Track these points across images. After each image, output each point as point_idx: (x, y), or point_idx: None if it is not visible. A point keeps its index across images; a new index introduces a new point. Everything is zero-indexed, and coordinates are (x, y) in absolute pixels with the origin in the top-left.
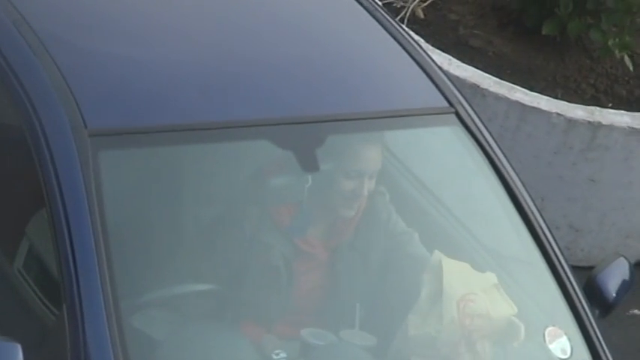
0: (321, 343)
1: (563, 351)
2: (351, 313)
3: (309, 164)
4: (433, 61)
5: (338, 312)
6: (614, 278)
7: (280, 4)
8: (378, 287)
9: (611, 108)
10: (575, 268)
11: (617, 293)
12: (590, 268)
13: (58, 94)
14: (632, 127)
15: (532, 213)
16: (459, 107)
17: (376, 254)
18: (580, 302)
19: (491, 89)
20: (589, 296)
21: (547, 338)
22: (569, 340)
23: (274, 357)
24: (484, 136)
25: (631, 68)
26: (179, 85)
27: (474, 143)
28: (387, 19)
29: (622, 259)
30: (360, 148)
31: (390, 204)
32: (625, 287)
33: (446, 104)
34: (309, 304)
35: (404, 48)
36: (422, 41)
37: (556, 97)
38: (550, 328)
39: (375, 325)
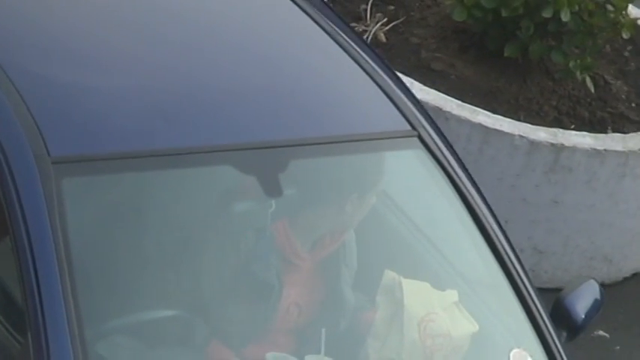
0: None
1: None
2: (318, 336)
3: (273, 189)
4: (395, 83)
5: (308, 334)
6: (582, 301)
7: (240, 31)
8: (347, 309)
9: (574, 130)
10: (539, 290)
11: (585, 316)
12: (555, 290)
13: (20, 122)
14: (595, 149)
15: (496, 235)
16: (421, 130)
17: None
18: (545, 324)
19: (454, 112)
20: (556, 319)
21: None
22: None
23: None
24: (447, 159)
25: (592, 90)
26: (142, 112)
27: (437, 166)
28: (348, 42)
29: (592, 281)
30: (333, 174)
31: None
32: (595, 310)
33: (408, 127)
34: (284, 324)
35: (365, 71)
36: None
37: (519, 120)
38: (515, 350)
39: (341, 350)
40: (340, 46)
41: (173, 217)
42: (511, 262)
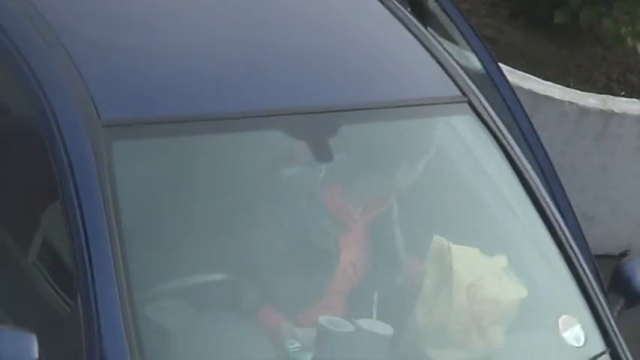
0: (339, 331)
1: (577, 339)
2: (370, 300)
3: (323, 154)
4: (446, 50)
5: (360, 298)
6: None
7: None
8: (398, 274)
9: (624, 96)
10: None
11: None
12: (604, 256)
13: (70, 86)
14: None
15: (545, 202)
16: (472, 96)
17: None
18: (594, 291)
19: None
20: (616, 286)
21: (560, 327)
22: (583, 329)
23: (289, 347)
24: (497, 125)
25: None
26: (191, 76)
27: (487, 132)
28: (400, 10)
29: None
30: (385, 139)
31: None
32: None
33: (459, 93)
34: (340, 285)
35: (417, 38)
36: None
37: (568, 86)
38: (563, 317)
39: (392, 314)
40: (391, 12)
41: (224, 182)
42: (560, 228)
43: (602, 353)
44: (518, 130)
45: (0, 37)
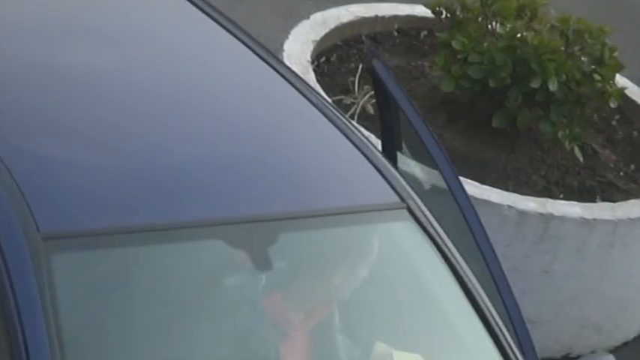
0: None
1: None
2: None
3: (263, 262)
4: (384, 156)
5: None
6: None
7: (229, 104)
8: None
9: (563, 199)
10: None
11: None
12: (547, 359)
13: (9, 197)
14: (584, 218)
15: (486, 307)
16: (410, 202)
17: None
18: None
19: None
20: None
21: None
22: None
23: None
24: (436, 231)
25: (581, 159)
26: (132, 187)
27: (427, 238)
28: (337, 116)
29: (610, 356)
30: (324, 248)
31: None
32: None
33: (397, 200)
34: None
35: (354, 144)
36: (372, 137)
37: (507, 190)
38: None
39: None
40: (328, 118)
41: (164, 292)
42: (502, 333)
43: None
44: (472, 238)
45: None
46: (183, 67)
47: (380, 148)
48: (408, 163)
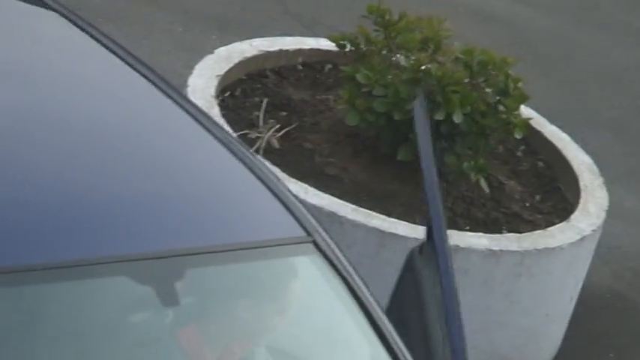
0: None
1: None
2: None
3: (169, 298)
4: (289, 190)
5: None
6: None
7: (134, 139)
8: None
9: (469, 231)
10: None
11: None
12: None
13: None
14: (490, 249)
15: (393, 340)
16: (316, 236)
17: None
18: None
19: (349, 217)
20: None
21: None
22: None
23: None
24: (342, 264)
25: (487, 190)
26: (34, 224)
27: (333, 271)
28: (242, 150)
29: None
30: (231, 283)
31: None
32: None
33: (304, 234)
34: None
35: (259, 179)
36: (278, 171)
37: (414, 222)
38: None
39: None
40: (233, 153)
41: (71, 331)
42: None
43: None
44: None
45: None
46: (88, 104)
47: None
48: None
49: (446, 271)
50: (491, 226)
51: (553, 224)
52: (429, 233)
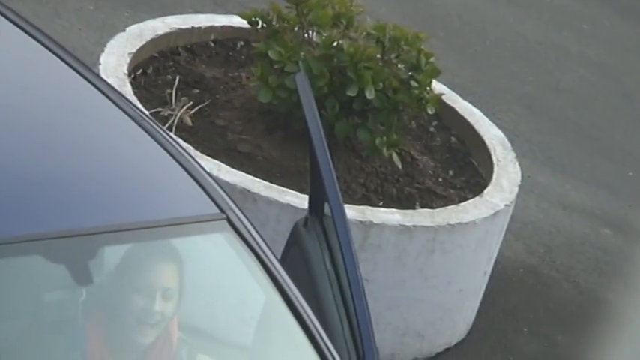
0: None
1: None
2: None
3: (83, 277)
4: (202, 167)
5: None
6: None
7: (46, 118)
8: None
9: (382, 207)
10: None
11: None
12: None
13: None
14: (404, 225)
15: (307, 316)
16: (229, 213)
17: None
18: None
19: (262, 193)
20: None
21: None
22: None
23: None
24: (255, 240)
25: (400, 166)
26: None
27: (246, 248)
28: (154, 128)
29: None
30: (146, 261)
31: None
32: None
33: (217, 211)
34: None
35: (172, 156)
36: (191, 148)
37: None
38: None
39: None
40: (145, 130)
41: None
42: (320, 336)
43: None
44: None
45: None
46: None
47: None
48: None
49: (346, 245)
50: (404, 202)
51: (466, 199)
52: (312, 206)
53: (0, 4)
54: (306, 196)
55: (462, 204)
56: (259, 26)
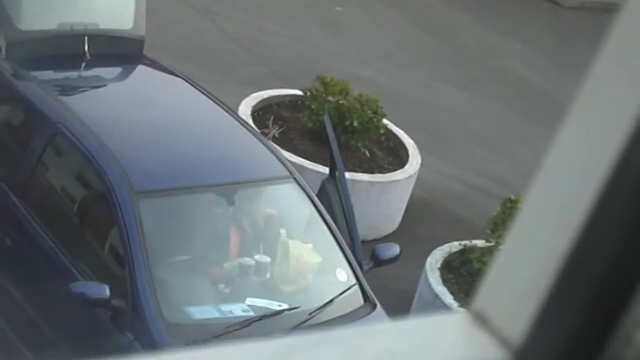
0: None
1: (344, 279)
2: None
3: (231, 203)
4: (282, 155)
5: (250, 253)
6: (386, 250)
7: (215, 130)
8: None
9: (359, 173)
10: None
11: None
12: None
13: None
14: (369, 181)
15: (331, 226)
16: (296, 176)
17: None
18: (354, 260)
19: (307, 167)
20: (370, 257)
21: (337, 273)
22: (347, 275)
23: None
24: (306, 190)
25: (368, 155)
26: (205, 162)
27: (302, 193)
28: (261, 137)
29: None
30: (260, 197)
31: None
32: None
33: (289, 175)
34: (234, 251)
35: (269, 150)
36: (278, 147)
37: None
38: (339, 269)
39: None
40: (258, 139)
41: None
42: (338, 240)
43: (353, 285)
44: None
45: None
46: (195, 116)
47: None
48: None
49: (345, 190)
50: (370, 171)
51: (396, 170)
52: (330, 172)
53: (182, 74)
54: (327, 168)
55: (394, 172)
56: (308, 94)
